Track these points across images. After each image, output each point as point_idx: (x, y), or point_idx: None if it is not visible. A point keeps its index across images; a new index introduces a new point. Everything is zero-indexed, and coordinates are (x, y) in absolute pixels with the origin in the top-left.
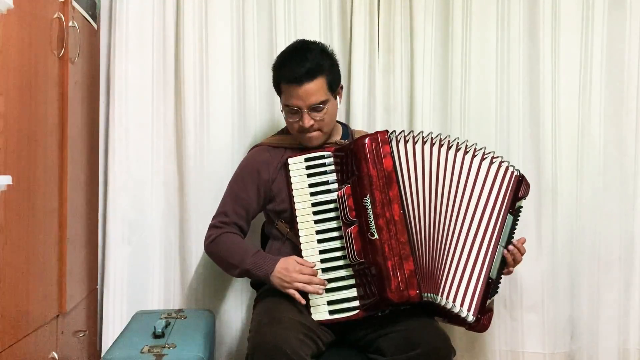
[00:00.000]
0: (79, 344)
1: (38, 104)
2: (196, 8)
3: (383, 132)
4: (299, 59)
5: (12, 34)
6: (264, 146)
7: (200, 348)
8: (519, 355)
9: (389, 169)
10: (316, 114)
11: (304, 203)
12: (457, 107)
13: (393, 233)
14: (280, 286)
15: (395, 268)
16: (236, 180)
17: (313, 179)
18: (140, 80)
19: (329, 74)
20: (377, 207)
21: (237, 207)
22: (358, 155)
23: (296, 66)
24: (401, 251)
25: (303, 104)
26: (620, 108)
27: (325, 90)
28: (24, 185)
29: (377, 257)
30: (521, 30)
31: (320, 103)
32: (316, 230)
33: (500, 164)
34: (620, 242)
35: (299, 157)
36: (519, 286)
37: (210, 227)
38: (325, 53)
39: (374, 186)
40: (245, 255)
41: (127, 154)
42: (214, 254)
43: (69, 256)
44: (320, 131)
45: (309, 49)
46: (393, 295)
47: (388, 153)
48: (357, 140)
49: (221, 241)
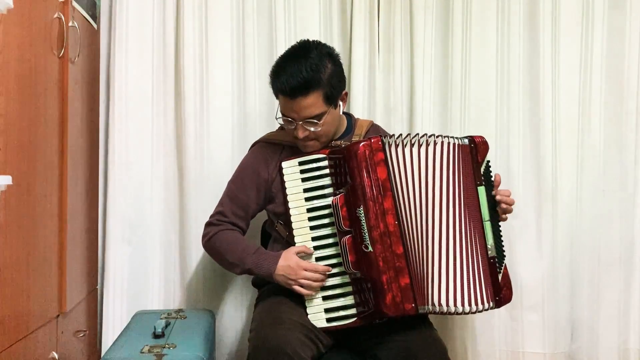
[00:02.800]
0: (79, 344)
1: (38, 104)
2: (196, 8)
3: (377, 138)
4: (294, 69)
5: (12, 34)
6: (262, 143)
7: (200, 348)
8: (519, 355)
9: (383, 177)
10: (310, 126)
11: (299, 208)
12: (457, 107)
13: (387, 245)
14: (285, 283)
15: (390, 282)
16: (235, 180)
17: (308, 183)
18: (140, 80)
19: (327, 86)
20: (370, 218)
21: (235, 207)
22: (351, 164)
23: (290, 78)
24: (396, 264)
25: (297, 116)
26: (620, 108)
27: (320, 103)
28: (24, 185)
29: (371, 271)
30: (521, 30)
31: (315, 117)
32: (312, 237)
33: (442, 144)
34: (620, 242)
35: (293, 160)
36: (519, 286)
37: (207, 225)
38: (326, 59)
39: (367, 197)
40: (245, 254)
41: (127, 154)
42: (212, 252)
43: (69, 256)
44: (317, 140)
45: (306, 57)
46: (388, 310)
47: (382, 160)
48: (350, 147)
49: (219, 239)
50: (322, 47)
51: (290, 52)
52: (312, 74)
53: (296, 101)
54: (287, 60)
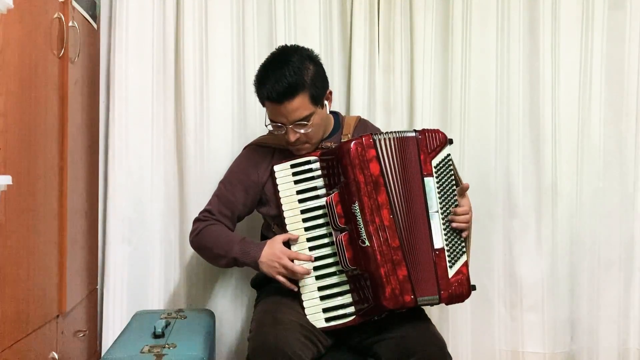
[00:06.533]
0: (79, 344)
1: (38, 104)
2: (196, 8)
3: (368, 136)
4: (277, 74)
5: (12, 34)
6: (253, 146)
7: (200, 348)
8: (519, 355)
9: (376, 173)
10: (301, 128)
11: (293, 210)
12: (457, 107)
13: (384, 239)
14: (269, 272)
15: (389, 274)
16: (224, 181)
17: (300, 185)
18: (140, 80)
19: (311, 87)
20: (366, 213)
21: (222, 207)
22: (344, 162)
23: (275, 84)
24: (393, 257)
25: (286, 120)
26: (620, 108)
27: (307, 104)
28: (24, 185)
29: (369, 265)
30: (521, 30)
31: (304, 119)
32: (307, 238)
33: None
34: (620, 242)
35: (285, 163)
36: (519, 286)
37: (195, 221)
38: (307, 62)
39: (362, 192)
40: (231, 244)
41: (127, 153)
42: (200, 246)
43: (69, 256)
44: (309, 143)
45: (287, 62)
46: (388, 302)
47: (374, 157)
48: (342, 146)
49: (206, 233)
50: (301, 50)
51: (271, 59)
52: (296, 77)
53: (283, 105)
54: (269, 67)
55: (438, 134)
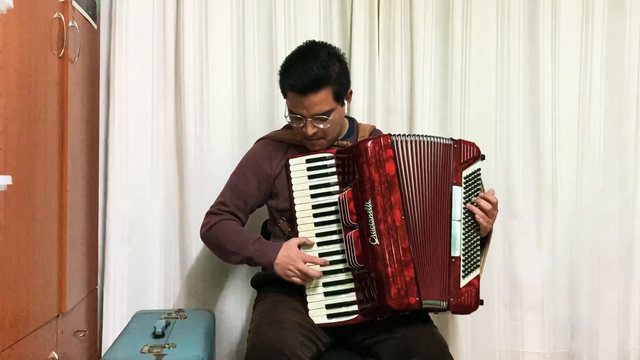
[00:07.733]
0: (79, 344)
1: (38, 104)
2: (196, 8)
3: (386, 136)
4: (305, 66)
5: (12, 34)
6: (267, 139)
7: (200, 348)
8: (519, 355)
9: (391, 173)
10: (320, 123)
11: (304, 205)
12: (457, 107)
13: (394, 239)
14: (282, 273)
15: (395, 275)
16: (237, 172)
17: (314, 180)
18: (140, 80)
19: (336, 83)
20: (378, 212)
21: (236, 199)
22: (360, 159)
23: (302, 75)
24: (402, 257)
25: (307, 113)
26: (620, 108)
27: (330, 100)
28: (24, 185)
29: (377, 263)
30: (521, 30)
31: (325, 113)
32: (316, 233)
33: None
34: (620, 242)
35: (300, 158)
36: (519, 286)
37: (208, 214)
38: (334, 58)
39: (376, 191)
40: (247, 242)
41: (127, 154)
42: (212, 240)
43: (69, 256)
44: (324, 139)
45: (316, 55)
46: (392, 302)
47: (391, 157)
48: (359, 144)
49: (220, 228)
50: (329, 47)
51: (299, 51)
52: (323, 71)
53: (307, 97)
54: (296, 59)
55: (473, 147)
